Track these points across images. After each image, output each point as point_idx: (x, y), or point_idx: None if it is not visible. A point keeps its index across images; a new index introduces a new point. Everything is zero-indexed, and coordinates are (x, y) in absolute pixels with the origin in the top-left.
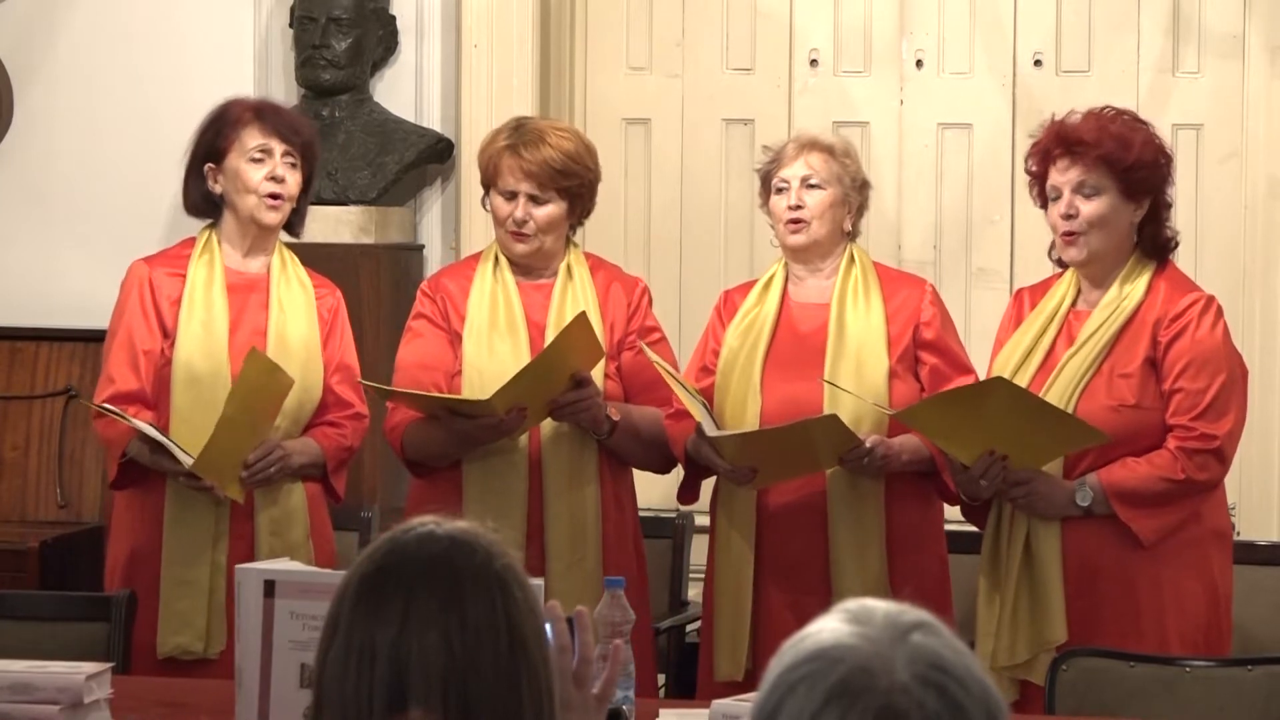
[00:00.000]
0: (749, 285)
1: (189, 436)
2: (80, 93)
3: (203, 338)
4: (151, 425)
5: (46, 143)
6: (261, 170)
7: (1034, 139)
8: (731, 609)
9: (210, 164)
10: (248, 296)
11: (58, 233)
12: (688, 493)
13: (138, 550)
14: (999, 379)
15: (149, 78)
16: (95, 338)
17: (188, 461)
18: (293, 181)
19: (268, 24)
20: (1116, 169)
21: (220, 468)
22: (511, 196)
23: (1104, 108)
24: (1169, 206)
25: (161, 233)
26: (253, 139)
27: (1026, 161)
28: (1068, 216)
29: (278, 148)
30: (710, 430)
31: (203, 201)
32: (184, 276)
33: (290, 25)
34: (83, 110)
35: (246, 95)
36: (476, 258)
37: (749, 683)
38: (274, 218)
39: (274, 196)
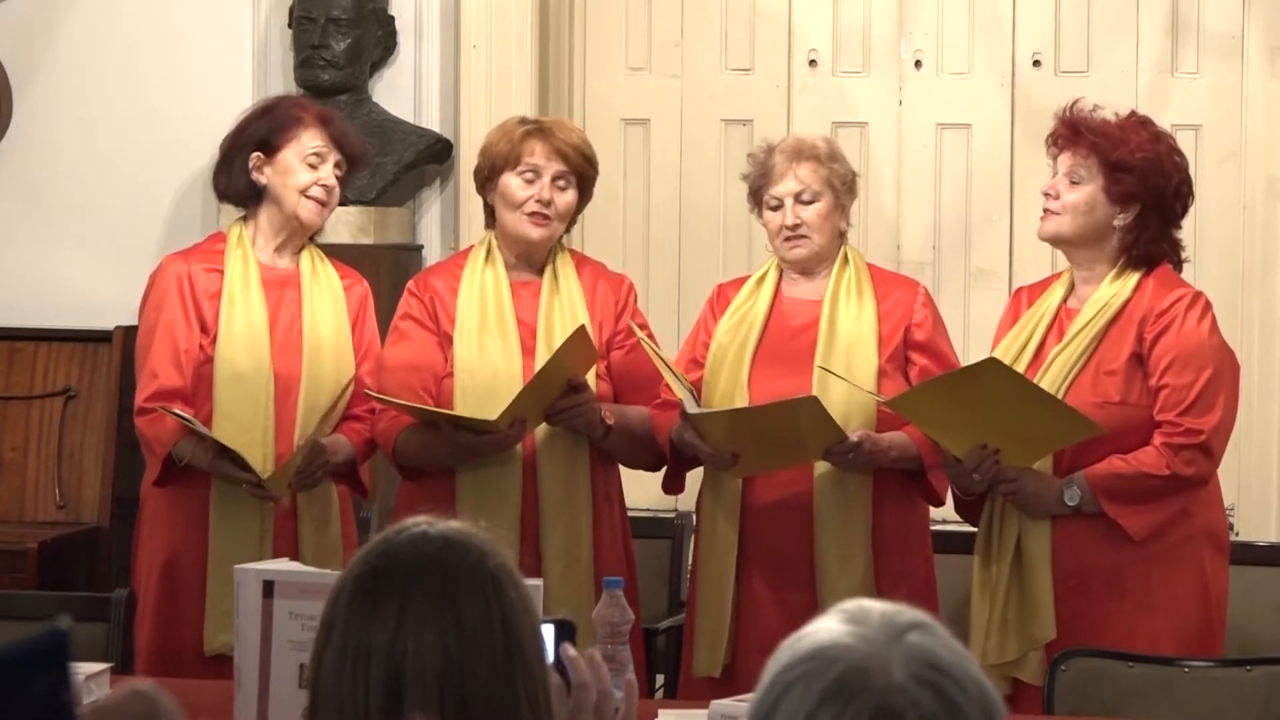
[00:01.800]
0: (743, 280)
1: (234, 434)
2: (80, 92)
3: (246, 336)
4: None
5: (46, 143)
6: (314, 173)
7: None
8: (712, 604)
9: (259, 153)
10: (282, 293)
11: (57, 233)
12: (672, 482)
13: (176, 548)
14: (991, 359)
15: (149, 78)
16: (95, 338)
17: (261, 473)
18: (338, 192)
19: (267, 24)
20: (1102, 160)
21: (285, 479)
22: (533, 179)
23: (1131, 113)
24: (1167, 225)
25: (161, 233)
26: (313, 141)
27: (1047, 142)
28: (1047, 195)
29: (332, 156)
30: (691, 408)
31: (246, 189)
32: (221, 272)
33: (289, 25)
34: (82, 110)
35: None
36: (464, 255)
37: (727, 678)
38: (317, 220)
39: (320, 201)
